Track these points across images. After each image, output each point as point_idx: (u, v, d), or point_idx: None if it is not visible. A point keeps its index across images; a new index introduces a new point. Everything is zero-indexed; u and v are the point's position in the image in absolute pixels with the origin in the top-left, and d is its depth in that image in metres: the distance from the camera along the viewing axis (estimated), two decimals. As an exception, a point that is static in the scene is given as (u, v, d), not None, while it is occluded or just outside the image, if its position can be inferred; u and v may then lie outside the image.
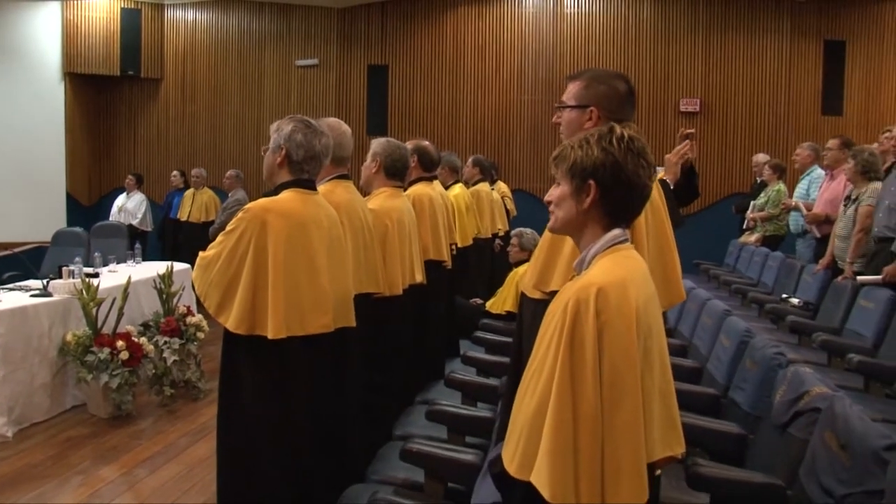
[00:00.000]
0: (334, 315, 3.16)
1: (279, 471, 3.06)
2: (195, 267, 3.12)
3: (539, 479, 1.78)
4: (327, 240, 3.20)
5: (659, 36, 11.55)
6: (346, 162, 3.73)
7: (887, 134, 6.62)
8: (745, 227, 9.14)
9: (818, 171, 7.60)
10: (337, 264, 3.24)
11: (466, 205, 6.92)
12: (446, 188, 6.86)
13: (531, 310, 2.50)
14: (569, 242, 2.37)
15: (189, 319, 6.42)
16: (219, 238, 3.09)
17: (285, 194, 3.18)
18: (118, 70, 12.58)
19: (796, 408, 2.91)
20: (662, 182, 2.88)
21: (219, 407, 3.19)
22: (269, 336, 2.98)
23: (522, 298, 2.59)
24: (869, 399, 4.32)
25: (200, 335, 6.42)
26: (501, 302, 5.92)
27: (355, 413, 3.49)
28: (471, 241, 6.89)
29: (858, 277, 5.76)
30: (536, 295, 2.48)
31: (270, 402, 3.04)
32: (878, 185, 6.04)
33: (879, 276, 5.53)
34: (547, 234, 2.49)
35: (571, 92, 2.61)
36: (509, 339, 4.74)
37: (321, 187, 3.59)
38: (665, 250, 2.54)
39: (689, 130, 3.29)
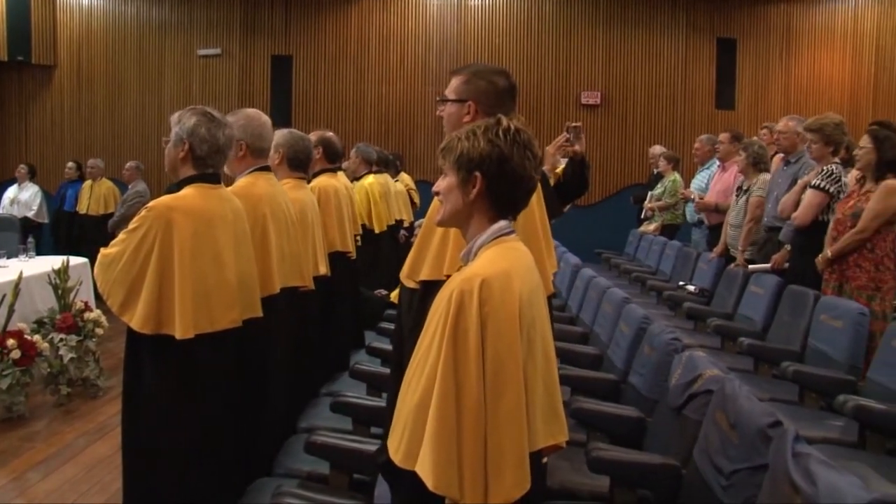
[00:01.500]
0: (240, 308, 3.13)
1: (187, 468, 3.01)
2: (97, 264, 3.03)
3: (423, 467, 1.79)
4: (233, 234, 3.15)
5: (561, 30, 11.75)
6: (266, 154, 3.67)
7: (765, 130, 6.92)
8: (643, 216, 9.39)
9: (716, 164, 7.86)
10: (243, 258, 3.20)
11: (381, 193, 6.94)
12: (360, 178, 6.87)
13: (407, 299, 2.56)
14: (438, 233, 2.42)
15: (87, 315, 6.22)
16: (121, 236, 3.01)
17: (189, 190, 3.11)
18: (6, 55, 12.01)
19: (690, 390, 3.02)
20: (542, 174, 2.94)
21: (123, 407, 3.11)
22: (177, 336, 2.92)
23: (401, 288, 2.64)
24: (757, 380, 4.53)
25: (99, 331, 6.23)
26: (406, 293, 5.92)
27: (270, 407, 3.46)
28: (385, 228, 6.91)
29: (749, 266, 6.00)
30: (411, 284, 2.53)
31: (178, 400, 2.98)
32: (767, 176, 6.30)
33: (768, 265, 5.77)
34: (424, 225, 2.53)
35: (452, 86, 2.67)
36: (415, 330, 4.78)
37: (242, 180, 3.55)
38: (533, 246, 2.59)
39: (574, 124, 3.34)
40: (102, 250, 3.07)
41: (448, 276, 2.20)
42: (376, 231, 6.32)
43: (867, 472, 3.14)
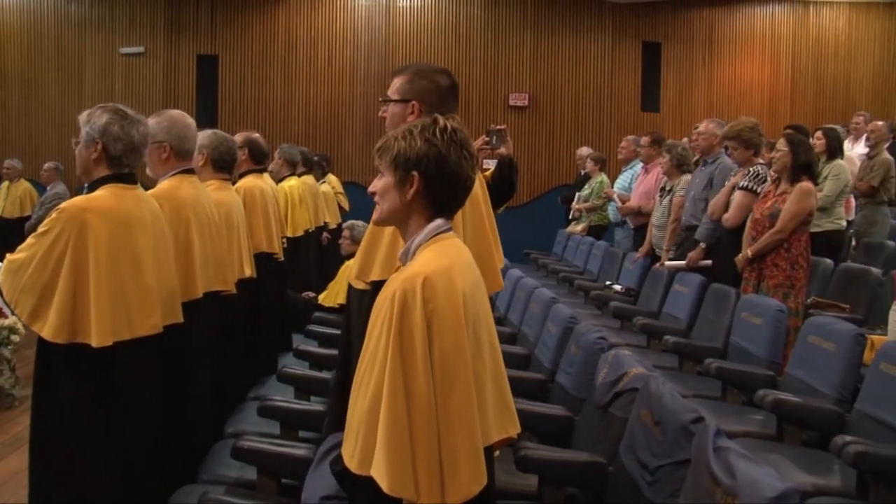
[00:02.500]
0: (162, 313, 3.04)
1: (104, 480, 2.91)
2: (2, 271, 2.87)
3: (377, 471, 1.78)
4: (151, 236, 3.04)
5: (489, 32, 11.83)
6: (190, 156, 3.58)
7: (695, 130, 7.07)
8: (571, 217, 9.50)
9: (640, 165, 7.99)
10: (162, 261, 3.12)
11: (300, 197, 6.88)
12: (282, 180, 6.81)
13: (357, 300, 2.53)
14: (388, 232, 2.41)
15: (2, 322, 6.02)
16: (30, 240, 2.86)
17: (104, 191, 2.98)
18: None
19: (616, 388, 3.07)
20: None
21: (32, 420, 2.97)
22: (94, 344, 2.79)
23: (349, 289, 2.61)
24: (682, 377, 4.62)
25: (15, 338, 6.01)
26: (334, 295, 5.90)
27: (194, 413, 3.40)
28: (302, 233, 6.85)
29: (666, 263, 6.12)
30: (360, 285, 2.51)
31: (94, 411, 2.86)
32: (689, 177, 6.44)
33: (684, 262, 5.90)
34: (371, 225, 2.51)
35: (395, 86, 2.67)
36: (342, 332, 4.75)
37: (165, 182, 3.46)
38: (482, 242, 2.60)
39: (498, 127, 3.32)
40: (9, 256, 2.90)
41: None
42: (290, 235, 6.27)
43: (784, 464, 3.24)
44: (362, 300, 2.48)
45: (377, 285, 2.37)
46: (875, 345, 3.85)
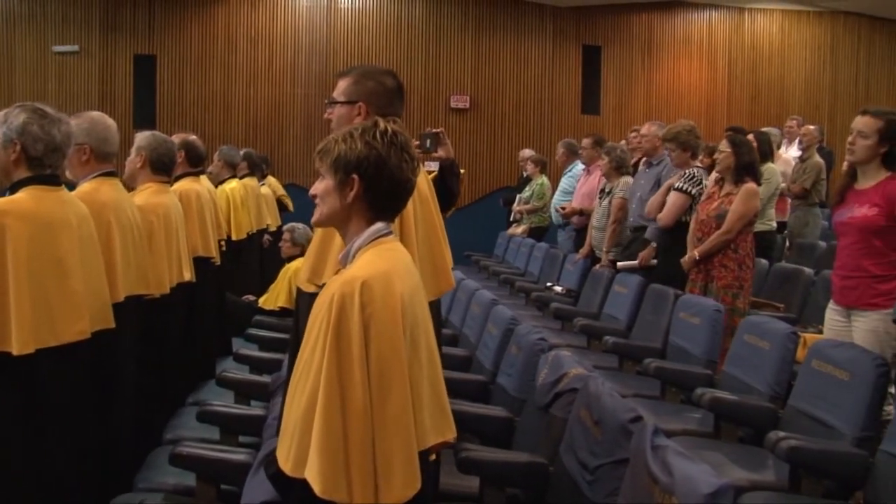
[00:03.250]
0: (91, 319, 2.96)
1: (29, 494, 2.80)
2: None
3: (310, 473, 1.78)
4: (77, 239, 2.94)
5: (431, 33, 11.84)
6: (111, 158, 3.51)
7: (634, 133, 7.18)
8: (512, 219, 9.55)
9: (579, 167, 8.07)
10: (90, 265, 3.03)
11: (242, 199, 6.82)
12: (222, 182, 6.73)
13: (306, 304, 2.50)
14: (339, 234, 2.39)
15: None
16: None
17: (24, 193, 2.86)
18: None
19: (556, 389, 3.09)
20: None
21: None
22: (15, 352, 2.67)
23: (298, 293, 2.59)
24: (622, 376, 4.68)
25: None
26: (274, 298, 5.85)
27: (121, 420, 3.33)
28: (245, 235, 6.79)
29: (618, 264, 6.18)
30: (311, 289, 2.48)
31: (17, 422, 2.75)
32: (629, 179, 6.53)
33: (636, 262, 5.97)
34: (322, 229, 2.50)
35: (341, 88, 2.65)
36: (283, 336, 4.71)
37: (85, 185, 3.38)
38: (434, 241, 2.61)
39: (434, 130, 3.27)
40: None
41: None
42: (234, 238, 6.20)
43: (721, 460, 3.31)
44: (312, 304, 2.46)
45: None
46: (808, 343, 3.95)
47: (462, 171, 3.27)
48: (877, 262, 3.72)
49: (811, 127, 7.94)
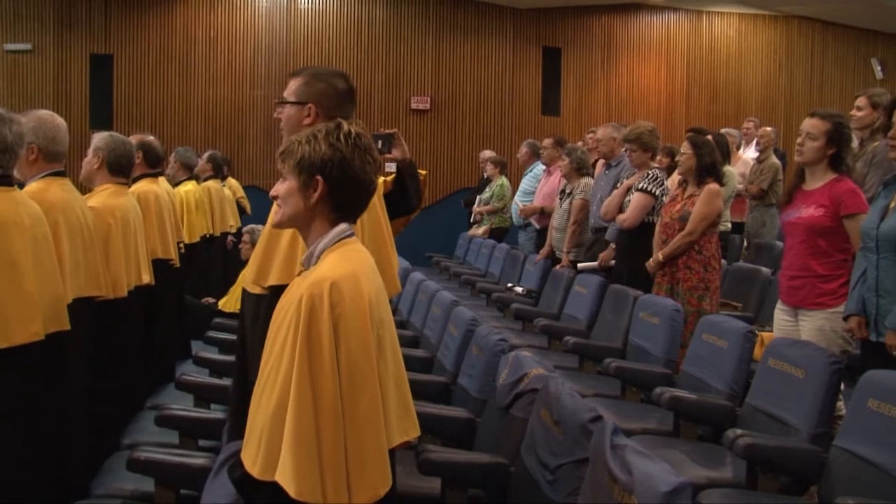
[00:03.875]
0: (44, 320, 2.91)
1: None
2: None
3: (283, 475, 1.78)
4: (31, 240, 2.90)
5: (391, 35, 11.81)
6: (60, 158, 3.46)
7: (591, 135, 7.24)
8: (472, 220, 9.57)
9: (539, 167, 8.10)
10: (44, 265, 2.98)
11: (196, 202, 6.75)
12: (178, 184, 6.66)
13: (252, 305, 2.49)
14: (286, 236, 2.39)
15: None
16: None
17: None
18: None
19: (517, 390, 3.10)
20: None
21: None
22: None
23: (244, 294, 2.57)
24: (582, 376, 4.71)
25: None
26: (235, 300, 5.80)
27: (77, 425, 3.28)
28: (198, 239, 6.73)
29: (579, 265, 6.22)
30: (257, 290, 2.47)
31: None
32: (589, 180, 6.57)
33: (596, 263, 6.02)
34: (266, 228, 2.48)
35: (291, 88, 2.64)
36: (243, 339, 4.67)
37: (33, 185, 3.33)
38: (381, 246, 2.60)
39: (387, 131, 3.23)
40: None
41: None
42: (187, 241, 6.15)
43: (680, 458, 3.35)
44: (259, 305, 2.45)
45: (275, 290, 2.34)
46: (765, 341, 4.00)
47: (423, 171, 3.25)
48: (822, 262, 3.81)
49: (768, 129, 8.06)
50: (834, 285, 3.78)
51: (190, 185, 6.75)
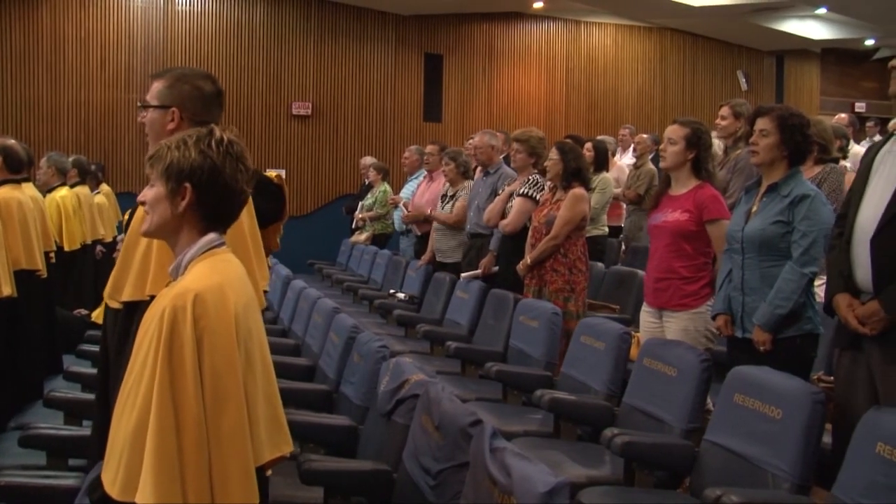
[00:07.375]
0: None
1: None
2: None
3: (143, 497, 1.71)
4: None
5: (272, 38, 11.63)
6: None
7: (470, 142, 7.32)
8: (354, 226, 9.51)
9: (425, 173, 8.13)
10: None
11: (73, 208, 6.50)
12: (51, 190, 6.40)
13: (111, 320, 2.40)
14: (140, 249, 2.31)
15: None
16: None
17: None
18: None
19: (398, 396, 3.10)
20: None
21: None
22: None
23: (105, 308, 2.48)
24: (465, 381, 4.75)
25: None
26: (108, 311, 5.59)
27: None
28: (79, 245, 6.48)
29: (462, 275, 6.24)
30: (114, 304, 2.38)
31: None
32: (472, 182, 6.65)
33: (479, 271, 6.06)
34: (126, 240, 2.40)
35: (154, 91, 2.51)
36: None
37: None
38: (241, 256, 2.51)
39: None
40: None
41: (152, 296, 2.10)
42: (67, 249, 5.90)
43: (561, 458, 3.42)
44: (116, 320, 2.36)
45: (129, 305, 2.26)
46: (640, 342, 4.12)
47: (272, 173, 3.07)
48: (686, 265, 3.98)
49: (645, 136, 8.32)
50: (696, 286, 3.95)
51: (64, 191, 6.51)
